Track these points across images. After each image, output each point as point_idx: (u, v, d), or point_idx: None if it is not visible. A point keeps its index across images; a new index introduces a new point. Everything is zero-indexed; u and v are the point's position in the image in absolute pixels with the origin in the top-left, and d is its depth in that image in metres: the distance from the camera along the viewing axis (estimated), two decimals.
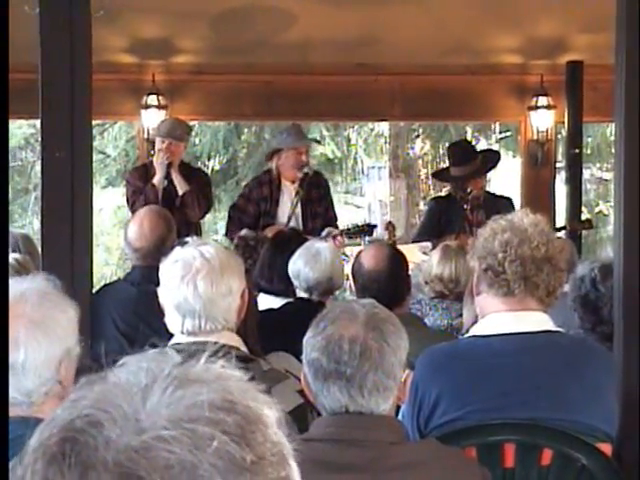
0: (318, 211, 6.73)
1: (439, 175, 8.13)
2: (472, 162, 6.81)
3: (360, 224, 6.80)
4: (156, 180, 6.73)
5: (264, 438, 0.90)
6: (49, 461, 0.86)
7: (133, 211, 6.65)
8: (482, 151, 7.48)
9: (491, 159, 7.10)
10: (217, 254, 2.83)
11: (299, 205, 6.66)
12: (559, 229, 7.12)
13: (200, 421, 0.87)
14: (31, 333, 2.14)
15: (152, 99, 8.19)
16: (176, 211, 6.26)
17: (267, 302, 4.42)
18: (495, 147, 14.63)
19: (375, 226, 6.87)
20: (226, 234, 6.82)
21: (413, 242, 6.67)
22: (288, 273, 4.40)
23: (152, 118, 8.12)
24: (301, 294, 4.36)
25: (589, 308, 3.51)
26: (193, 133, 10.69)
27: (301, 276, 4.32)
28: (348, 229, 6.64)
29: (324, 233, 6.46)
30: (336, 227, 6.72)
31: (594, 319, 3.50)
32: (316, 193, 6.75)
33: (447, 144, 9.02)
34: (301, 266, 4.33)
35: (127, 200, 6.91)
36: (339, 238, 6.45)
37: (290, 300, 4.40)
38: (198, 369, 0.92)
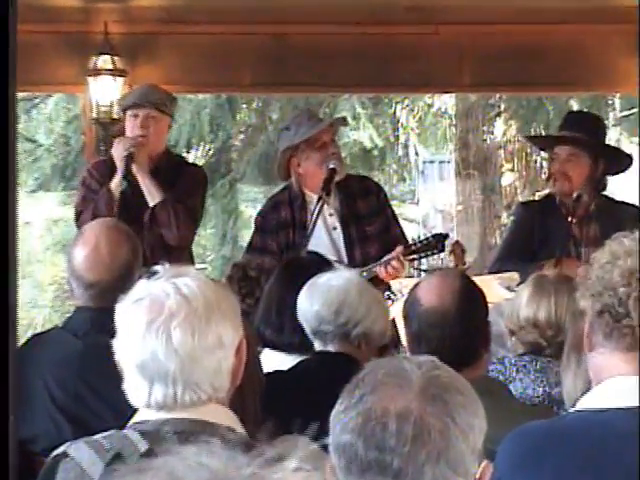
0: (369, 232, 6.65)
1: (533, 139, 8.30)
2: (583, 132, 6.82)
3: (426, 237, 6.56)
4: (114, 183, 6.66)
5: None
6: None
7: (79, 226, 6.63)
8: (612, 146, 7.45)
9: (617, 160, 7.09)
10: (200, 290, 2.84)
11: (337, 222, 6.60)
12: None
13: None
14: None
15: (104, 60, 8.24)
16: (145, 230, 6.24)
17: (275, 361, 4.43)
18: (614, 131, 14.60)
19: (447, 236, 6.67)
20: None
21: (490, 272, 6.66)
22: None
23: (104, 89, 8.17)
24: (316, 345, 4.38)
25: None
26: None
27: (305, 314, 4.36)
28: (408, 245, 6.38)
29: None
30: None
31: None
32: (364, 205, 6.68)
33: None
34: (304, 300, 4.36)
35: (75, 209, 6.91)
36: (393, 263, 6.28)
37: (305, 357, 4.41)
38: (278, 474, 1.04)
